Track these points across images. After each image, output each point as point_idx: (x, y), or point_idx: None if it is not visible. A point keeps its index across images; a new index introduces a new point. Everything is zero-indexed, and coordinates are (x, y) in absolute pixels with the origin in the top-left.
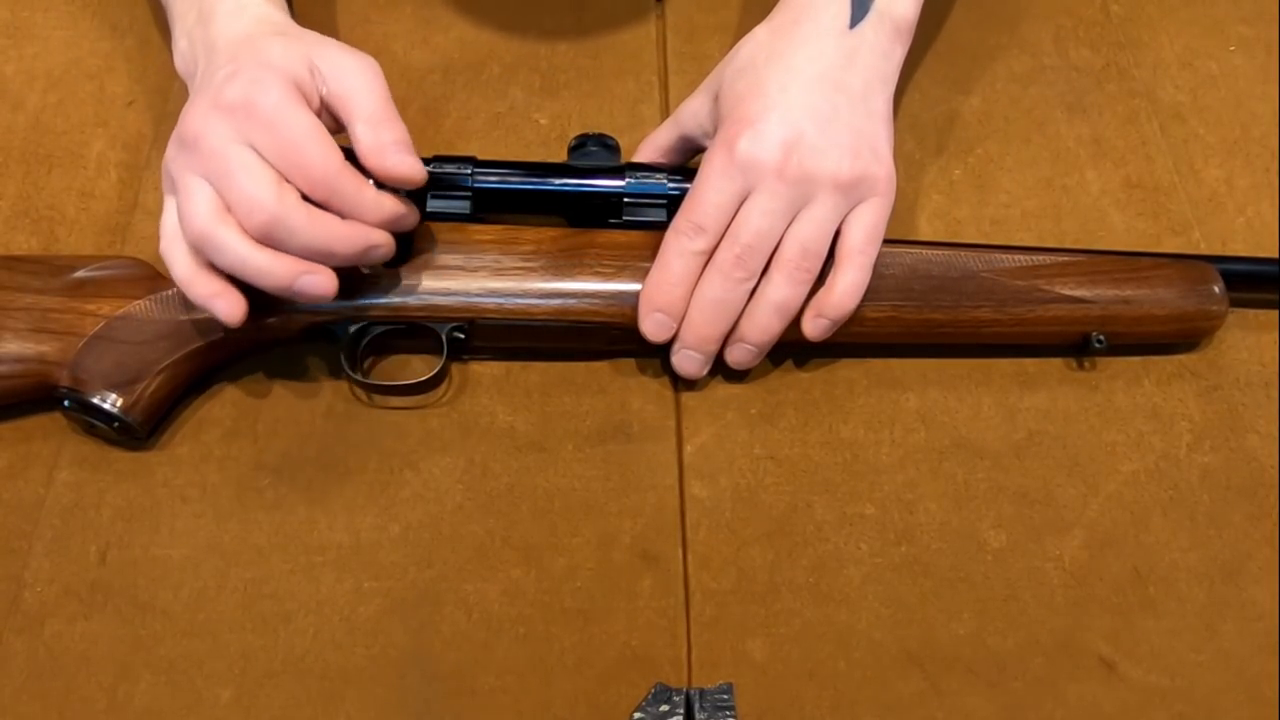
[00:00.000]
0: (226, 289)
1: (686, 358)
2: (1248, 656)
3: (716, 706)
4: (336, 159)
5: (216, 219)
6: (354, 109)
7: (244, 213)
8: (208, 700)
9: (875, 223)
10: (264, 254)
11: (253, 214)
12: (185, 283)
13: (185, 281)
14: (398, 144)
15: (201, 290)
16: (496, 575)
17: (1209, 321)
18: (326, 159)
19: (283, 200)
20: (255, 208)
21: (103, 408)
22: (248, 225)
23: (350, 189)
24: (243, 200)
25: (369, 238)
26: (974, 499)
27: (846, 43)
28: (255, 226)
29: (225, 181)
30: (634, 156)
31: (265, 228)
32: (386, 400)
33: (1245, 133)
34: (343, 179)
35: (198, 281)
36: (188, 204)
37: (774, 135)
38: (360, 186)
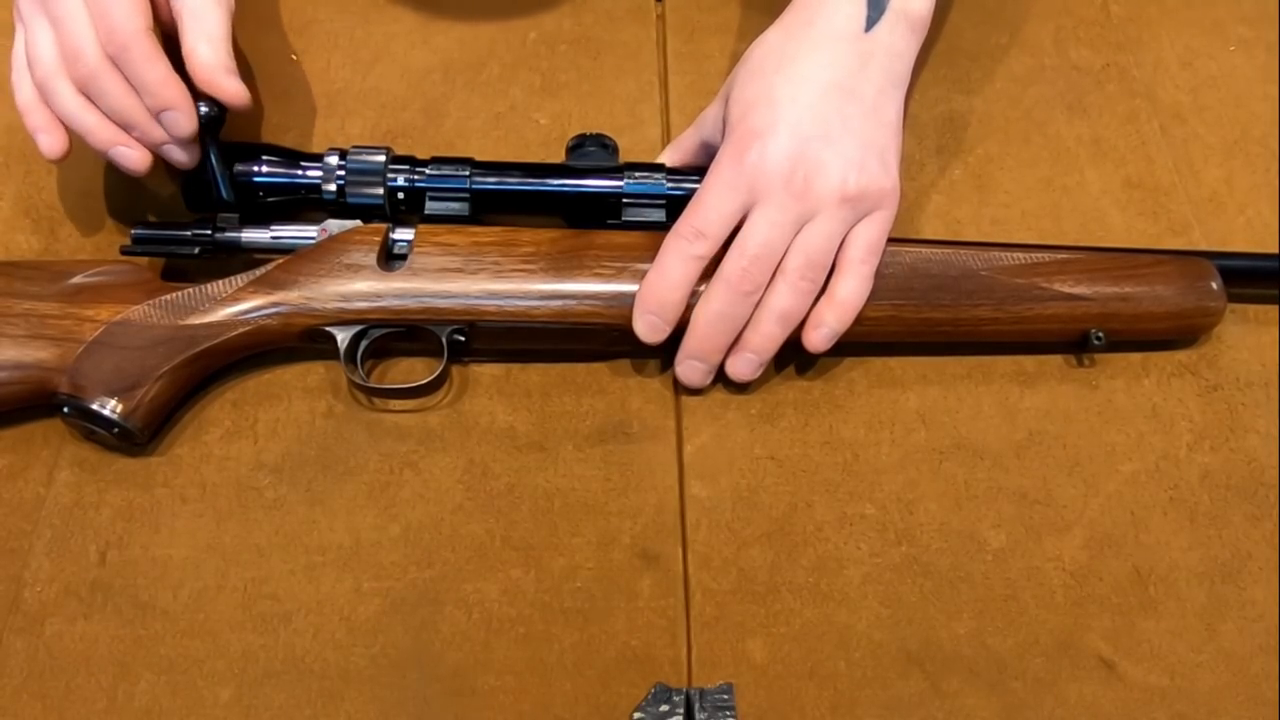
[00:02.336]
0: (53, 126)
1: (691, 368)
2: (1248, 656)
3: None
4: (140, 21)
5: (57, 68)
6: (202, 25)
7: (69, 61)
8: (208, 700)
9: (878, 235)
10: (92, 114)
11: (76, 64)
12: (22, 111)
13: (22, 110)
14: (233, 70)
15: (31, 121)
16: (496, 575)
17: (1207, 318)
18: (130, 17)
19: (103, 60)
20: (79, 59)
21: (102, 414)
22: (70, 73)
23: (143, 54)
24: (69, 49)
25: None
26: (974, 499)
27: (861, 47)
28: (76, 78)
29: (59, 26)
30: (659, 159)
31: (83, 81)
32: (387, 403)
33: (1245, 133)
34: (139, 41)
35: (31, 113)
36: (33, 46)
37: (782, 148)
38: (153, 55)
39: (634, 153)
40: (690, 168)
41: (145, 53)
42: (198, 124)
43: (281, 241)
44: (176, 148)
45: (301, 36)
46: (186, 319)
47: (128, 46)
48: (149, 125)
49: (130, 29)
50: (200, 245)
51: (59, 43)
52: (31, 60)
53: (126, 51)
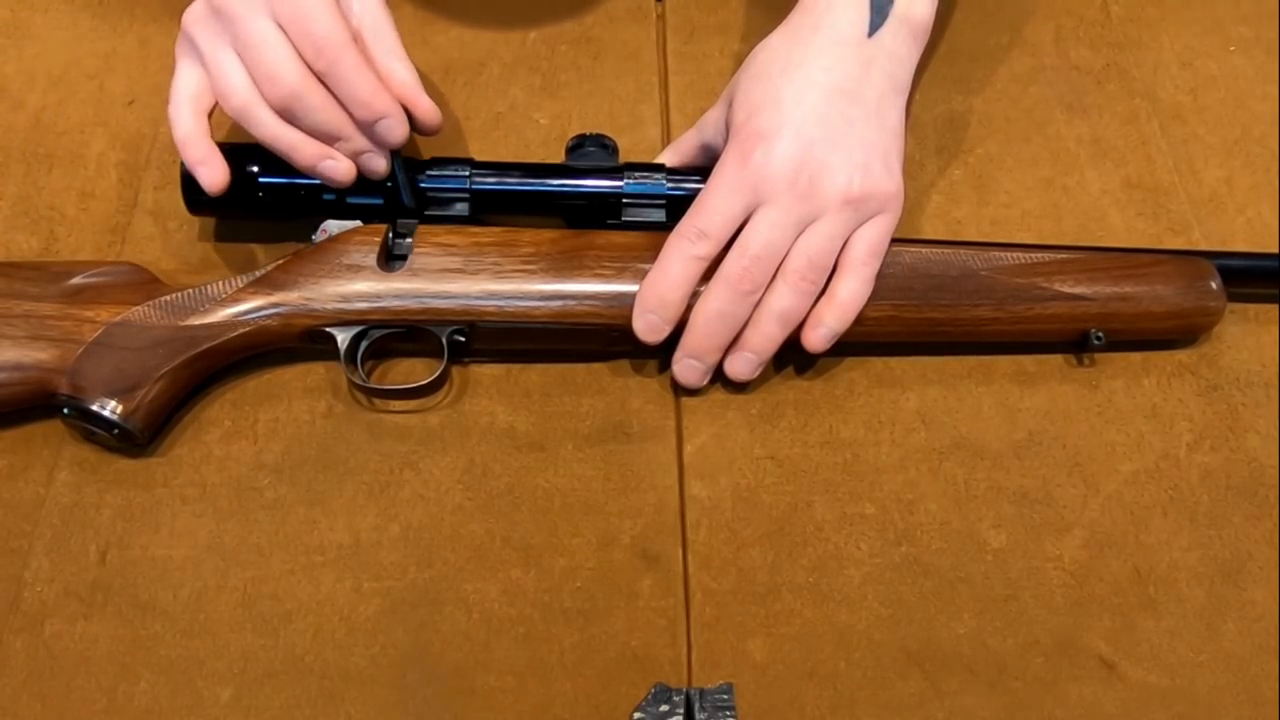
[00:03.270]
0: (213, 157)
1: (688, 367)
2: (1248, 656)
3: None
4: (343, 34)
5: (254, 95)
6: (392, 46)
7: (266, 85)
8: (208, 700)
9: (881, 237)
10: (295, 132)
11: (275, 87)
12: (182, 144)
13: (182, 142)
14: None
15: (193, 154)
16: (496, 575)
17: (1207, 317)
18: (333, 30)
19: (305, 77)
20: (278, 81)
21: (102, 415)
22: (269, 97)
23: (351, 65)
24: (266, 73)
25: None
26: (974, 499)
27: (864, 52)
28: (276, 99)
29: (250, 53)
30: (658, 159)
31: (285, 101)
32: (387, 403)
33: (1245, 133)
34: (346, 54)
35: (193, 145)
36: (222, 77)
37: (787, 151)
38: (361, 67)
39: (634, 153)
40: (690, 168)
41: (355, 63)
42: (409, 129)
43: None
44: (377, 156)
45: None
46: (186, 320)
47: (338, 60)
48: (355, 135)
49: (338, 41)
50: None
51: (253, 68)
52: (222, 91)
53: (337, 65)
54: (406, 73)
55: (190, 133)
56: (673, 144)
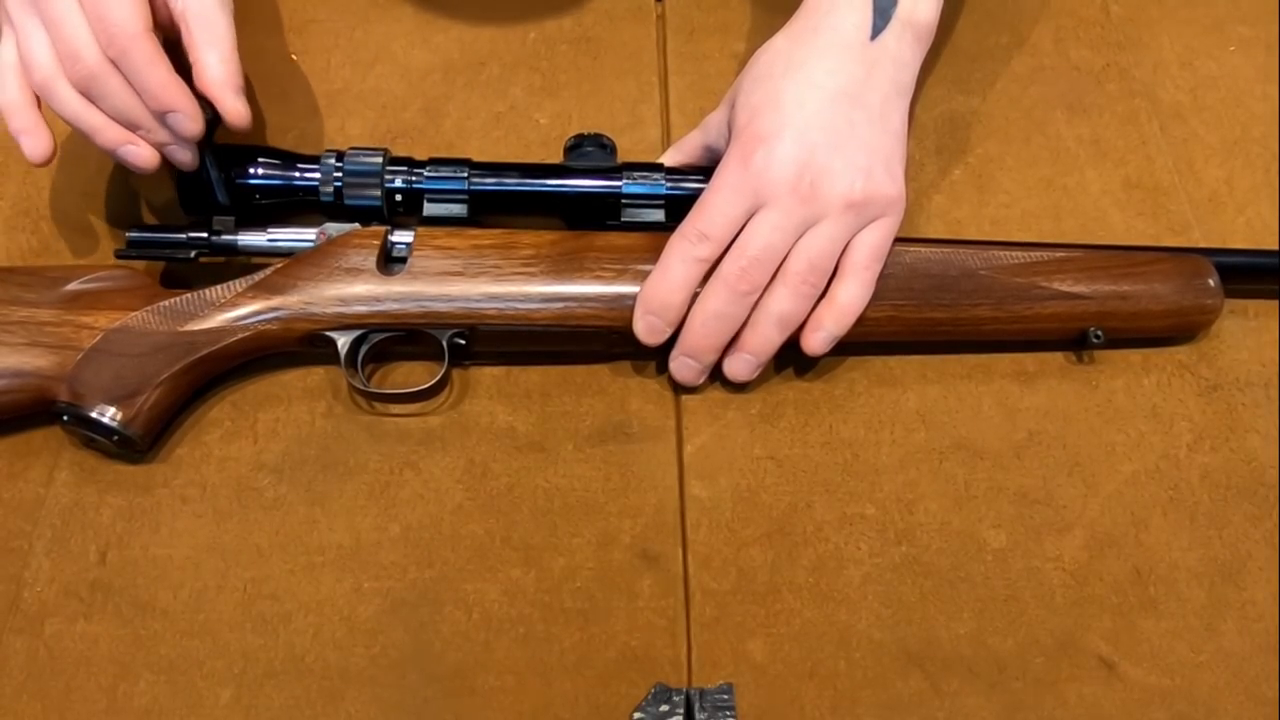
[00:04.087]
0: (38, 127)
1: (684, 365)
2: (1248, 656)
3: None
4: (139, 23)
5: (56, 70)
6: (212, 37)
7: (67, 64)
8: (208, 700)
9: (882, 241)
10: (97, 114)
11: (74, 66)
12: (5, 112)
13: (5, 111)
14: (241, 88)
15: (16, 123)
16: (496, 575)
17: (1205, 315)
18: (128, 19)
19: (103, 61)
20: (77, 61)
21: (102, 422)
22: (69, 75)
23: (141, 56)
24: (66, 51)
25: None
26: (974, 499)
27: (867, 55)
28: (74, 79)
29: (53, 29)
30: (660, 159)
31: (83, 82)
32: (388, 406)
33: (1245, 133)
34: (137, 43)
35: (16, 115)
36: (28, 50)
37: (789, 153)
38: (153, 58)
39: (634, 153)
40: (689, 168)
41: (146, 55)
42: (204, 126)
43: (278, 245)
44: (180, 148)
45: (301, 36)
46: (185, 325)
47: (128, 49)
48: (154, 125)
49: (130, 31)
50: (196, 249)
51: (55, 44)
52: (27, 62)
53: (127, 55)
54: (219, 66)
55: (12, 101)
56: (675, 145)
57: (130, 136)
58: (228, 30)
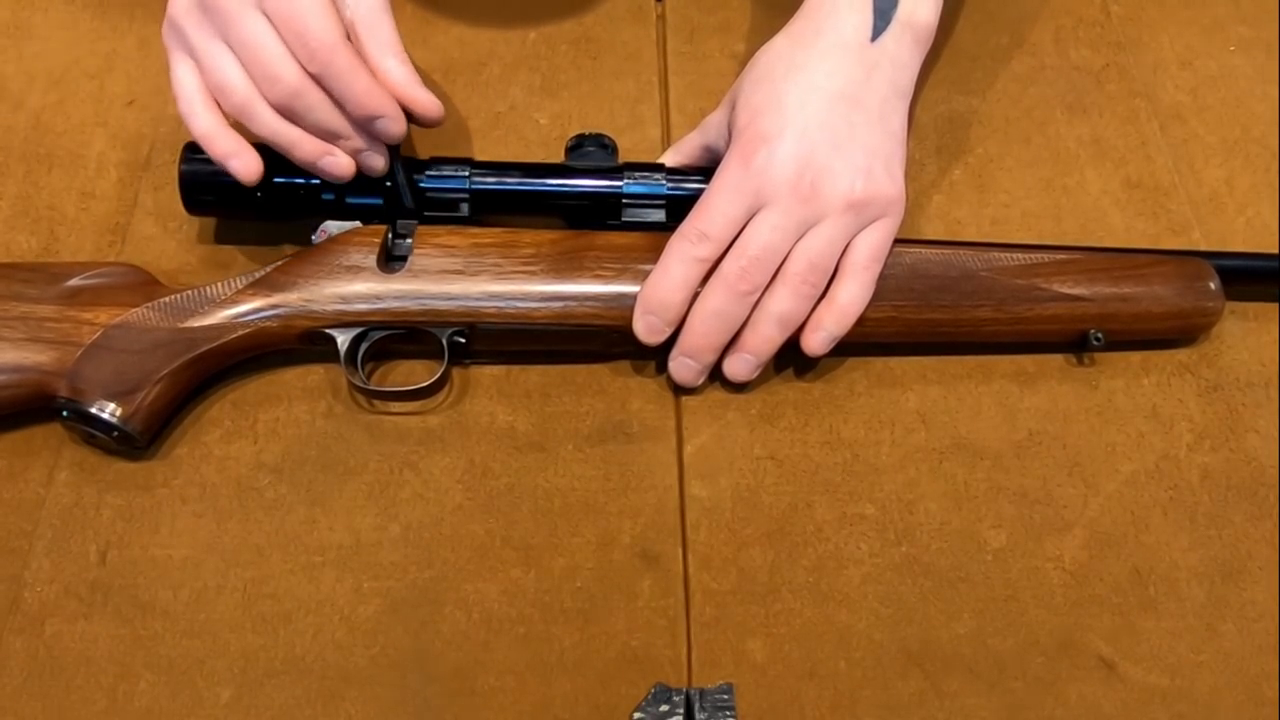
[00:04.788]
0: (243, 148)
1: (683, 365)
2: (1248, 656)
3: (716, 706)
4: (337, 34)
5: (253, 91)
6: (385, 40)
7: (265, 85)
8: (208, 700)
9: (882, 241)
10: (295, 129)
11: (274, 87)
12: (205, 140)
13: (205, 138)
14: (422, 84)
15: (221, 148)
16: (496, 575)
17: (1206, 318)
18: (326, 31)
19: (303, 77)
20: (278, 81)
21: (102, 417)
22: (269, 96)
23: (345, 66)
24: (265, 73)
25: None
26: (974, 499)
27: (867, 56)
28: (275, 99)
29: (246, 52)
30: (660, 160)
31: (284, 101)
32: (387, 405)
33: (1245, 133)
34: (340, 54)
35: (218, 139)
36: (218, 73)
37: (789, 153)
38: (356, 67)
39: (634, 153)
40: (690, 168)
41: (349, 65)
42: (406, 126)
43: None
44: (375, 154)
45: None
46: (186, 321)
47: (330, 62)
48: (352, 133)
49: (330, 44)
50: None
51: (250, 67)
52: (221, 88)
53: (330, 67)
54: (402, 68)
55: (211, 127)
56: (675, 145)
57: (328, 148)
58: (393, 29)
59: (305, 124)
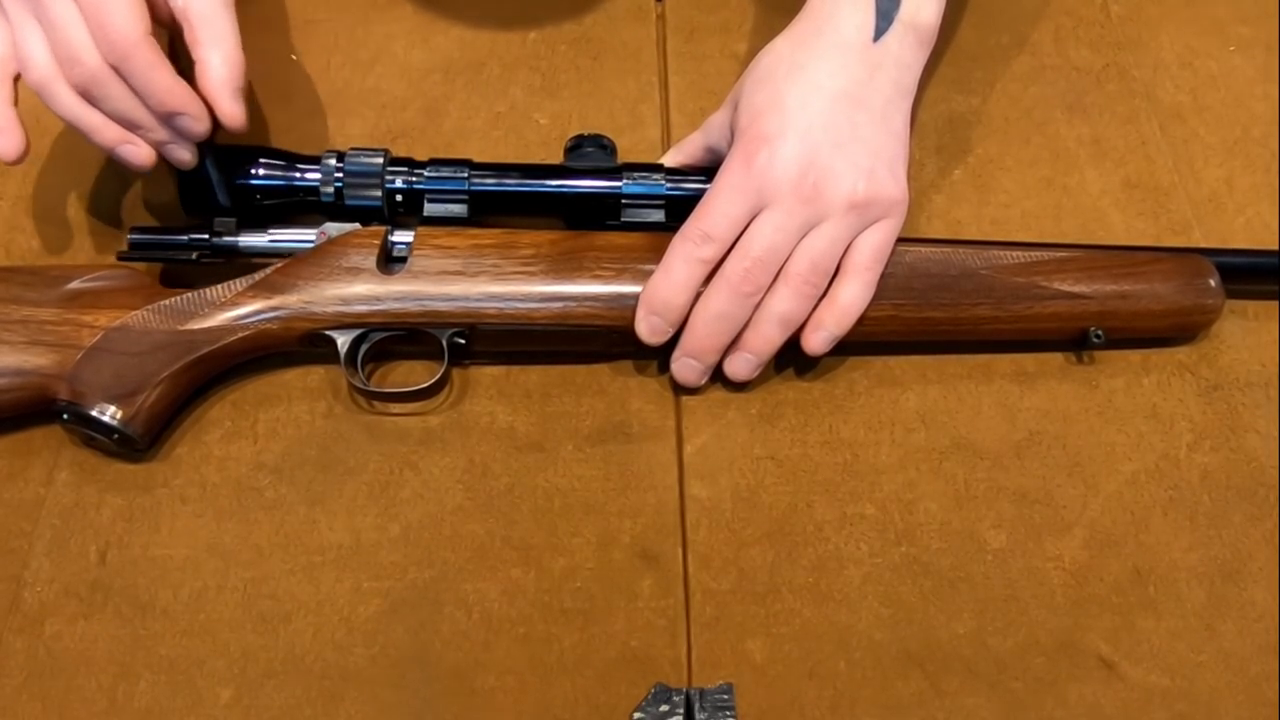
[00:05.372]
0: (12, 126)
1: (686, 366)
2: (1248, 656)
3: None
4: (139, 28)
5: (55, 71)
6: (215, 37)
7: (66, 66)
8: (208, 700)
9: (884, 242)
10: (96, 114)
11: (74, 69)
12: None
13: None
14: (241, 91)
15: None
16: (496, 575)
17: (1205, 315)
18: (128, 24)
19: (103, 65)
20: (77, 64)
21: (102, 420)
22: (69, 77)
23: (144, 62)
24: (66, 54)
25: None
26: (974, 499)
27: (869, 57)
28: (74, 81)
29: (52, 32)
30: (662, 160)
31: (83, 85)
32: (387, 405)
33: (1245, 133)
34: (139, 50)
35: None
36: (24, 48)
37: (791, 154)
38: (155, 64)
39: (634, 153)
40: (689, 168)
41: (147, 61)
42: (210, 126)
43: (279, 245)
44: (180, 147)
45: (301, 36)
46: (186, 324)
47: (128, 55)
48: (154, 125)
49: (131, 37)
50: (197, 250)
51: (54, 47)
52: (24, 61)
53: (128, 60)
54: (221, 67)
55: None
56: (676, 146)
57: (128, 136)
58: (230, 29)
59: (105, 110)
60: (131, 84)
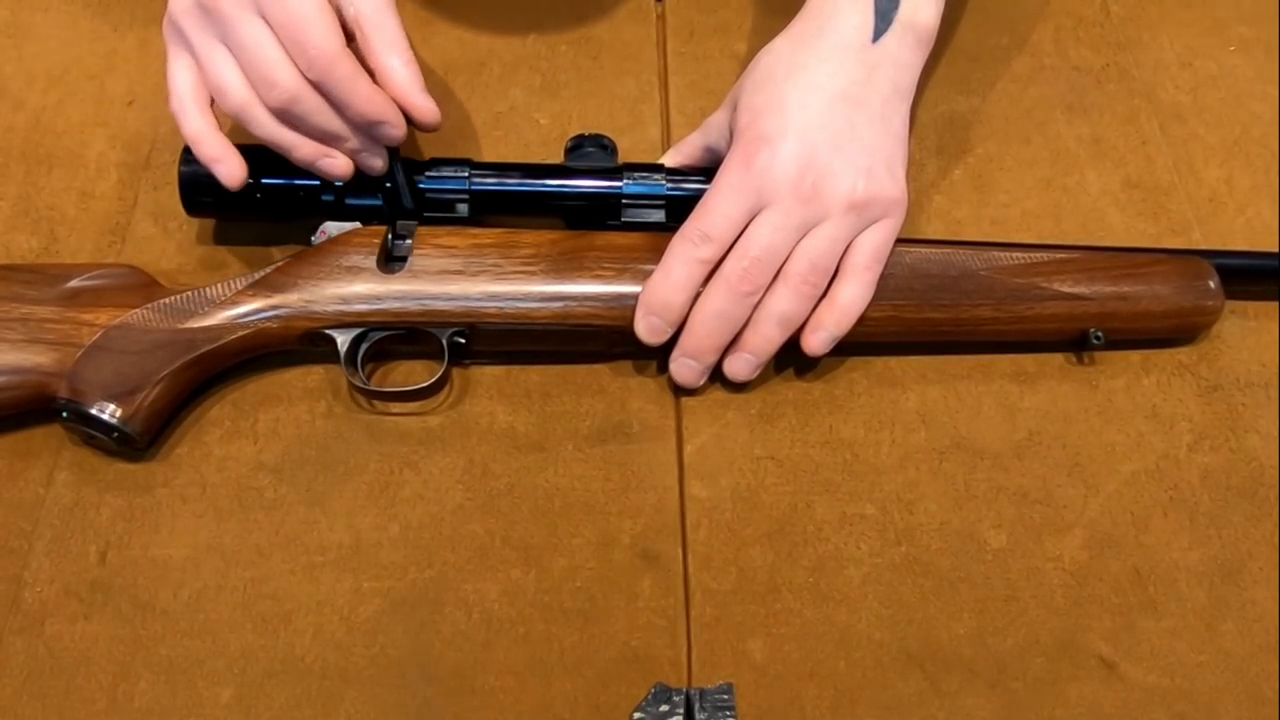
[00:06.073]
0: (229, 153)
1: (685, 366)
2: (1248, 656)
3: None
4: (337, 42)
5: (250, 94)
6: (390, 41)
7: (263, 89)
8: (208, 700)
9: (883, 242)
10: (291, 133)
11: (272, 91)
12: (194, 141)
13: (194, 140)
14: (424, 88)
15: (207, 152)
16: (496, 575)
17: (1205, 316)
18: (327, 40)
19: (301, 83)
20: (275, 86)
21: (102, 418)
22: (266, 100)
23: (345, 75)
24: (263, 77)
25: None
26: (974, 499)
27: (868, 57)
28: (273, 103)
29: (245, 55)
30: (662, 160)
31: (282, 105)
32: (387, 405)
33: (1245, 133)
34: (340, 64)
35: (206, 143)
36: (217, 75)
37: (791, 154)
38: (356, 75)
39: (634, 153)
40: (689, 168)
41: (349, 72)
42: (406, 130)
43: None
44: (374, 155)
45: None
46: (185, 322)
47: (330, 71)
48: (350, 136)
49: (330, 52)
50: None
51: (249, 70)
52: (219, 89)
53: (329, 76)
54: (405, 70)
55: (201, 130)
56: (676, 146)
57: (326, 150)
58: (401, 32)
59: (303, 128)
60: (331, 98)
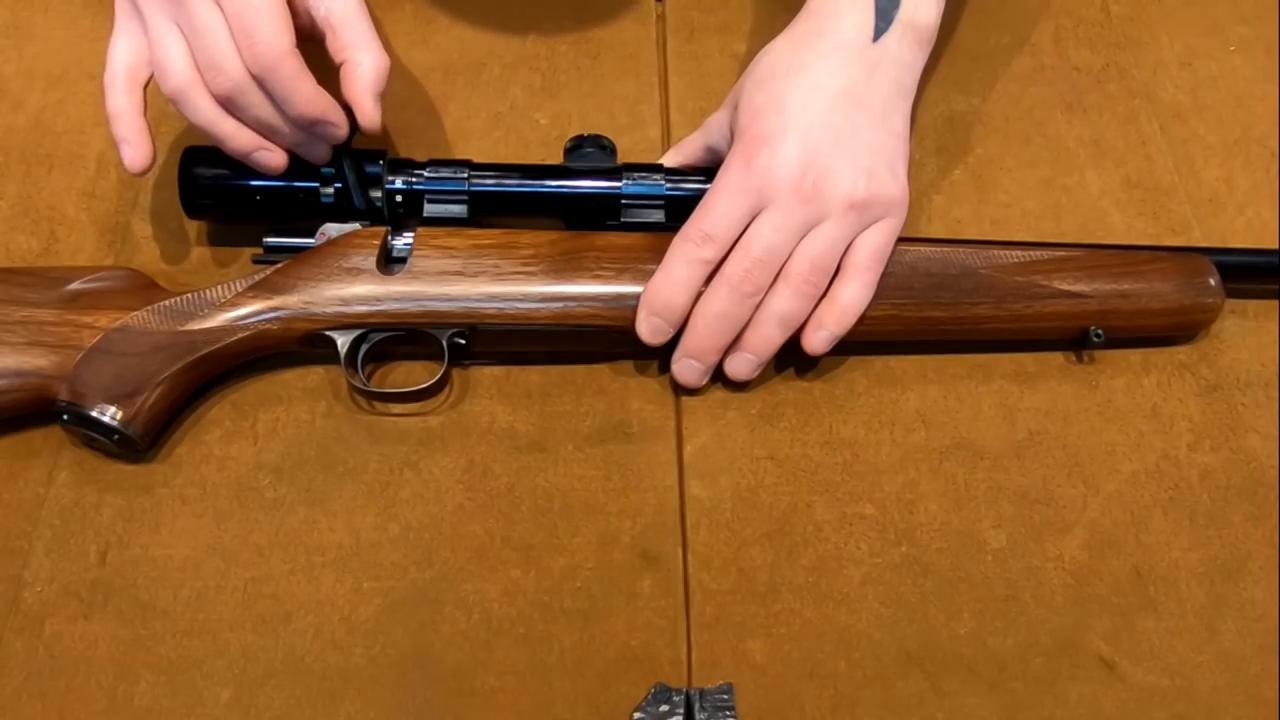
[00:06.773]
0: (141, 138)
1: (687, 366)
2: (1248, 656)
3: (716, 706)
4: (286, 40)
5: (193, 80)
6: (362, 40)
7: (209, 74)
8: (208, 700)
9: (884, 242)
10: (231, 122)
11: (216, 78)
12: (112, 116)
13: (113, 115)
14: (380, 95)
15: (122, 130)
16: (496, 575)
17: (1205, 314)
18: (276, 36)
19: (247, 75)
20: (221, 73)
21: (102, 421)
22: (211, 86)
23: (288, 74)
24: (210, 62)
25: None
26: (974, 499)
27: (869, 56)
28: (216, 90)
29: (197, 38)
30: (662, 160)
31: (224, 93)
32: (388, 406)
33: (1245, 133)
34: (285, 62)
35: (124, 121)
36: (163, 53)
37: (792, 154)
38: (299, 74)
39: (634, 153)
40: (689, 168)
41: (292, 72)
42: (349, 130)
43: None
44: (314, 146)
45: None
46: (186, 324)
47: (274, 67)
48: (289, 131)
49: (277, 50)
50: None
51: (197, 54)
52: (162, 68)
53: (273, 72)
54: (371, 71)
55: (122, 108)
56: (676, 146)
57: (263, 143)
58: (373, 32)
59: (243, 118)
60: (273, 94)
